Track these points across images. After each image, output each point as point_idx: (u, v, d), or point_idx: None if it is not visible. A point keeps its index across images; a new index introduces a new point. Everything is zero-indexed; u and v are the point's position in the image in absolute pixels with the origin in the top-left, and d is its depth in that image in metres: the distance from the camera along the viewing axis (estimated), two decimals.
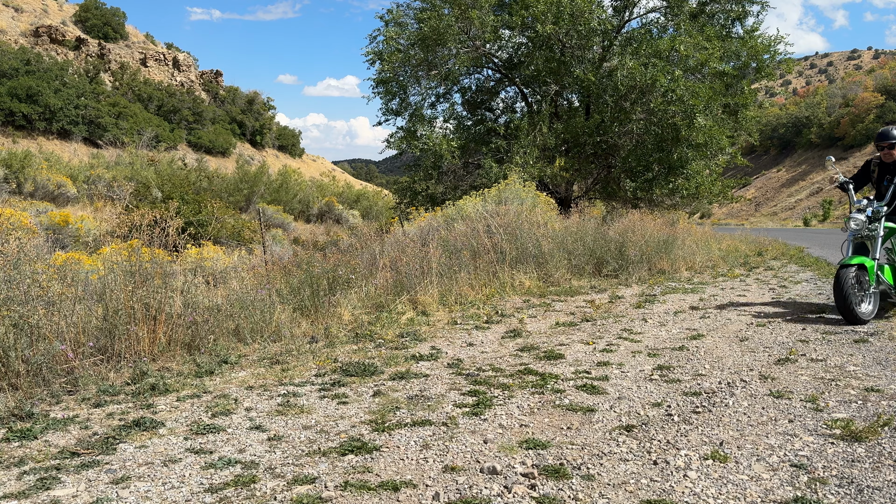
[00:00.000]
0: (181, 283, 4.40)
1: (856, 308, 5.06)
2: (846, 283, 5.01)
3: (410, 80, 15.92)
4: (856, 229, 5.37)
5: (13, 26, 58.57)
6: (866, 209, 5.40)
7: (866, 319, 5.12)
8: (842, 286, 5.03)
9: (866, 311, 5.18)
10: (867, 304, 5.23)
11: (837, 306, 5.09)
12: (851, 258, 5.19)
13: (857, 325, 5.02)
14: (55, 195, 25.20)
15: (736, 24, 15.36)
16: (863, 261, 5.15)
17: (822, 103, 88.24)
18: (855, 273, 5.13)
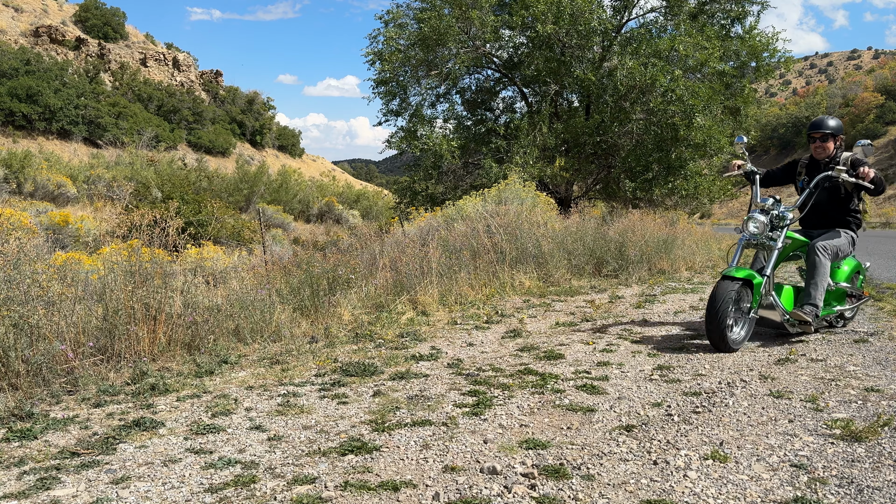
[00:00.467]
0: (181, 283, 4.40)
1: (727, 332, 4.16)
2: (723, 300, 4.07)
3: (410, 81, 15.92)
4: (755, 233, 4.45)
5: (13, 26, 58.56)
6: (771, 211, 4.49)
7: (735, 348, 4.24)
8: (717, 302, 4.08)
9: (737, 338, 4.28)
10: (740, 329, 4.34)
11: (707, 326, 4.19)
12: (737, 270, 4.26)
13: (724, 352, 4.19)
14: (55, 195, 25.21)
15: (736, 23, 15.36)
16: (750, 275, 4.23)
17: (822, 103, 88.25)
18: (738, 289, 4.20)
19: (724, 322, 4.11)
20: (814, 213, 4.84)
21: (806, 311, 4.43)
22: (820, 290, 4.50)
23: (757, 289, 4.26)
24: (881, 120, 77.54)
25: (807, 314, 4.40)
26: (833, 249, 4.58)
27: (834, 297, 4.86)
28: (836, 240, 4.66)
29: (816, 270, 4.49)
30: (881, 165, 72.04)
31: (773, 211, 4.49)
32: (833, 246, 4.59)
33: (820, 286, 4.50)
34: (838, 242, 4.65)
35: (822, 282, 4.50)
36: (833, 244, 4.60)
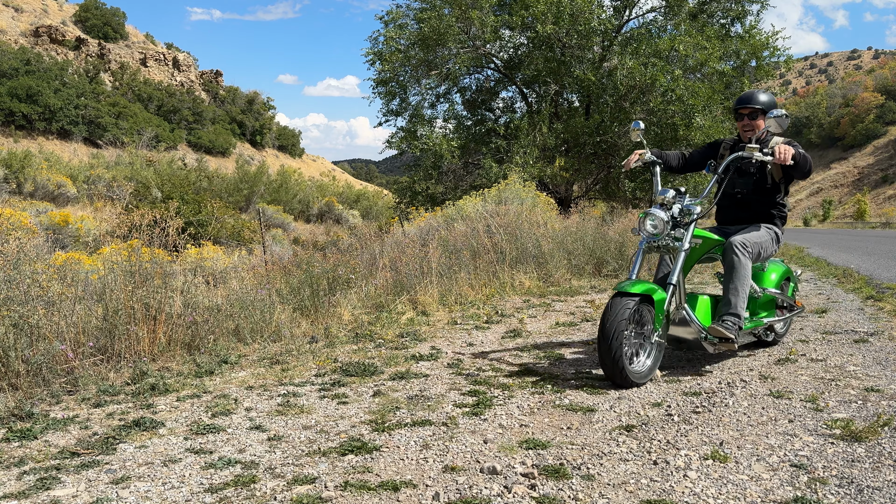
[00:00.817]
0: (181, 283, 4.40)
1: (625, 362, 3.33)
2: (615, 324, 3.26)
3: (410, 81, 15.93)
4: (653, 233, 3.61)
5: (13, 26, 58.56)
6: (673, 205, 3.68)
7: (639, 382, 3.43)
8: (607, 327, 3.26)
9: (640, 369, 3.48)
10: (645, 357, 3.56)
11: (599, 356, 3.38)
12: (633, 283, 3.43)
13: (625, 387, 3.40)
14: (55, 195, 25.21)
15: (736, 23, 15.37)
16: (649, 290, 3.42)
17: (822, 103, 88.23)
18: (635, 308, 3.38)
19: (619, 351, 3.27)
20: (733, 205, 4.10)
21: (727, 326, 3.62)
22: (741, 298, 3.72)
23: (659, 306, 3.44)
24: (881, 120, 77.54)
25: (728, 329, 3.60)
26: (755, 248, 3.83)
27: (761, 306, 4.17)
28: (757, 235, 3.90)
29: (735, 273, 3.73)
30: (881, 165, 72.11)
31: (677, 205, 3.67)
32: (754, 243, 3.83)
33: (741, 292, 3.72)
34: (760, 239, 3.91)
35: (744, 287, 3.73)
36: (754, 240, 3.85)
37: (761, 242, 3.93)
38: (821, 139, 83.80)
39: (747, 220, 4.08)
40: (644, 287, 3.43)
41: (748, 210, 4.07)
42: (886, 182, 68.80)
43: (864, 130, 77.24)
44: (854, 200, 61.84)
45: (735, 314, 3.72)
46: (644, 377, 3.50)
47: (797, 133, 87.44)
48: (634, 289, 3.40)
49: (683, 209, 3.69)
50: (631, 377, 3.39)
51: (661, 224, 3.60)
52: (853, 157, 77.34)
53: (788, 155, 3.61)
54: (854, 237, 22.52)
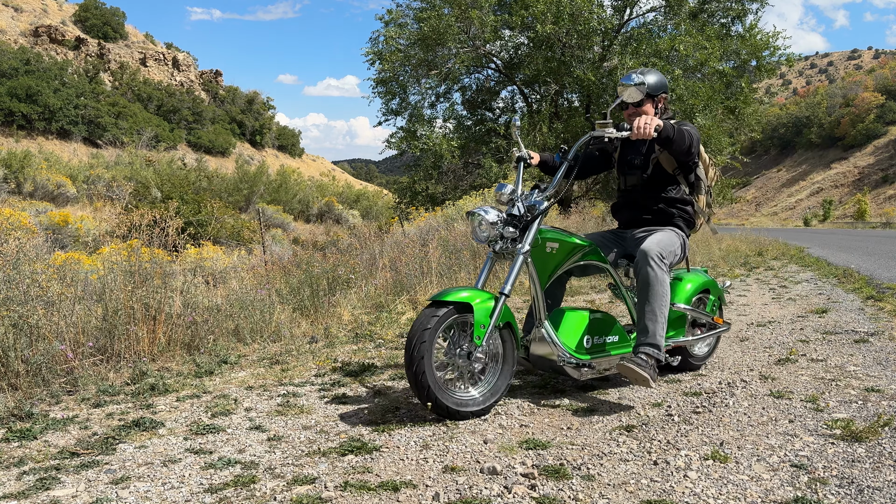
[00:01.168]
0: (181, 283, 4.39)
1: (434, 384, 2.73)
2: (418, 340, 2.70)
3: (410, 80, 15.93)
4: (482, 237, 3.03)
5: (13, 26, 58.55)
6: (513, 202, 3.08)
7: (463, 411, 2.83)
8: (411, 344, 2.72)
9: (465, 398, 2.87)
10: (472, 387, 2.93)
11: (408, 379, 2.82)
12: (454, 291, 2.87)
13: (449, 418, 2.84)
14: (55, 195, 25.21)
15: (736, 22, 15.37)
16: (470, 297, 2.83)
17: (823, 103, 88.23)
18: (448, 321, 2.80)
19: (424, 373, 2.69)
20: (625, 205, 3.56)
21: (641, 362, 3.02)
22: (661, 323, 3.12)
23: (485, 317, 2.81)
24: (881, 120, 77.55)
25: (642, 365, 3.00)
26: (669, 255, 3.26)
27: (669, 323, 3.47)
28: (669, 240, 3.30)
29: (652, 291, 3.09)
30: (882, 165, 72.12)
31: (519, 202, 3.06)
32: (667, 249, 3.25)
33: (660, 316, 3.12)
34: (673, 245, 3.31)
35: (663, 308, 3.13)
36: (669, 248, 3.26)
37: (674, 250, 3.33)
38: (821, 139, 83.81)
39: (644, 221, 3.49)
40: (464, 295, 2.83)
41: (641, 209, 3.47)
42: (887, 182, 68.83)
43: (865, 130, 77.26)
44: (854, 200, 61.87)
45: (653, 344, 3.10)
46: (476, 404, 2.86)
47: (797, 133, 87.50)
48: (450, 297, 2.80)
49: (531, 205, 3.06)
50: (446, 402, 2.75)
51: (486, 226, 2.98)
52: (853, 157, 77.36)
53: (650, 128, 2.94)
54: (854, 237, 22.52)
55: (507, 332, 3.00)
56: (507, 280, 2.95)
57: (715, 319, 3.87)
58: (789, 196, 79.34)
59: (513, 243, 3.03)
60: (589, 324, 3.25)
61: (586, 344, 3.22)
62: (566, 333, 3.18)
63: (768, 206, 79.61)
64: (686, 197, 3.48)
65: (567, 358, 3.10)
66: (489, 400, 2.93)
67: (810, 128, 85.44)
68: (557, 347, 3.09)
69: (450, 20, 13.89)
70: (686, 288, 3.68)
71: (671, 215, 3.45)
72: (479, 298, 2.86)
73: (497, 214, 3.01)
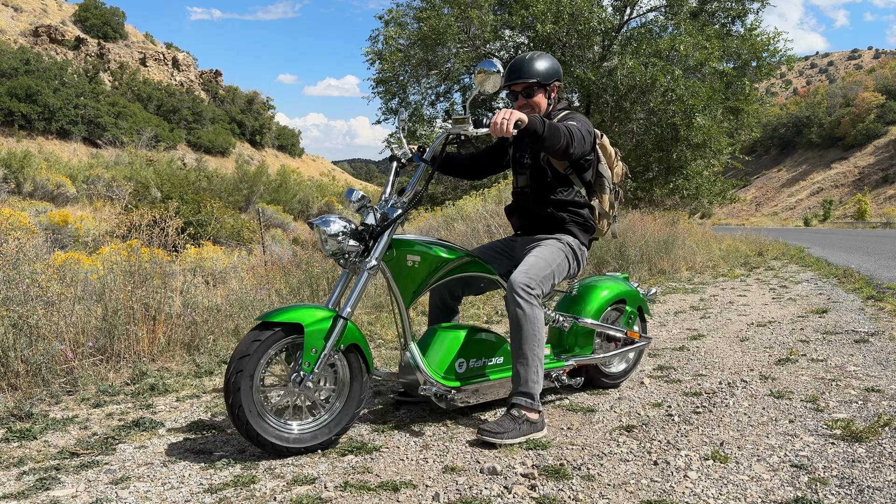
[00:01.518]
0: (181, 283, 4.39)
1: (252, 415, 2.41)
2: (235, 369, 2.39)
3: (410, 80, 15.93)
4: (326, 249, 2.67)
5: (13, 26, 58.55)
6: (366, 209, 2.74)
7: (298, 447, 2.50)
8: (229, 374, 2.40)
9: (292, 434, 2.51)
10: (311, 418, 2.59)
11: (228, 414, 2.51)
12: (284, 311, 2.51)
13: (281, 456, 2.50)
14: (54, 195, 25.22)
15: (736, 22, 15.37)
16: (302, 319, 2.48)
17: (823, 103, 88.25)
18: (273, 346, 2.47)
19: (241, 406, 2.38)
20: (516, 210, 3.20)
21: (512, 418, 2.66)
22: (533, 367, 2.75)
23: (313, 339, 2.48)
24: (882, 120, 77.57)
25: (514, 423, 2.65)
26: (544, 283, 2.85)
27: (570, 340, 3.29)
28: (543, 262, 2.90)
29: (521, 332, 2.73)
30: (882, 165, 72.15)
31: (371, 210, 2.73)
32: (542, 277, 2.84)
33: (532, 359, 2.74)
34: (549, 265, 2.90)
35: (535, 350, 2.75)
36: (541, 274, 2.84)
37: (552, 270, 2.91)
38: (821, 139, 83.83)
39: (535, 227, 3.12)
40: (296, 315, 2.48)
41: (530, 214, 3.12)
42: (887, 182, 68.85)
43: (865, 130, 77.30)
44: (854, 200, 61.90)
45: (525, 394, 2.73)
46: (310, 441, 2.52)
47: (798, 133, 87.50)
48: (279, 317, 2.47)
49: (385, 212, 2.71)
50: (269, 438, 2.44)
51: (328, 239, 2.62)
52: (854, 157, 77.38)
53: (508, 124, 2.55)
54: (854, 237, 22.52)
55: (355, 356, 2.63)
56: (348, 300, 2.61)
57: (629, 334, 3.45)
58: (789, 196, 79.35)
59: (362, 257, 2.68)
60: (465, 345, 2.89)
61: (459, 368, 2.87)
62: (435, 356, 2.84)
63: (768, 206, 79.62)
64: (580, 199, 3.09)
65: (430, 385, 2.77)
66: (329, 432, 2.57)
67: (810, 128, 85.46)
68: (422, 373, 2.76)
69: (449, 20, 13.89)
70: (596, 299, 3.34)
71: (562, 220, 3.06)
72: (313, 319, 2.50)
73: (344, 225, 2.65)
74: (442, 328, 2.94)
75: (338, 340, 2.55)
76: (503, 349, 3.04)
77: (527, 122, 2.62)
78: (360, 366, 2.65)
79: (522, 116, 2.60)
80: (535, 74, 2.97)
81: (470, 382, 2.89)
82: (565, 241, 3.04)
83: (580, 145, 2.82)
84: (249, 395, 2.40)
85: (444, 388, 2.79)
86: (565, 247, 3.03)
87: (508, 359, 2.99)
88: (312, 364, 2.50)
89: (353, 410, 2.63)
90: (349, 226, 2.67)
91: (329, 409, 2.62)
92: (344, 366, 2.64)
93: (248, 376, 2.40)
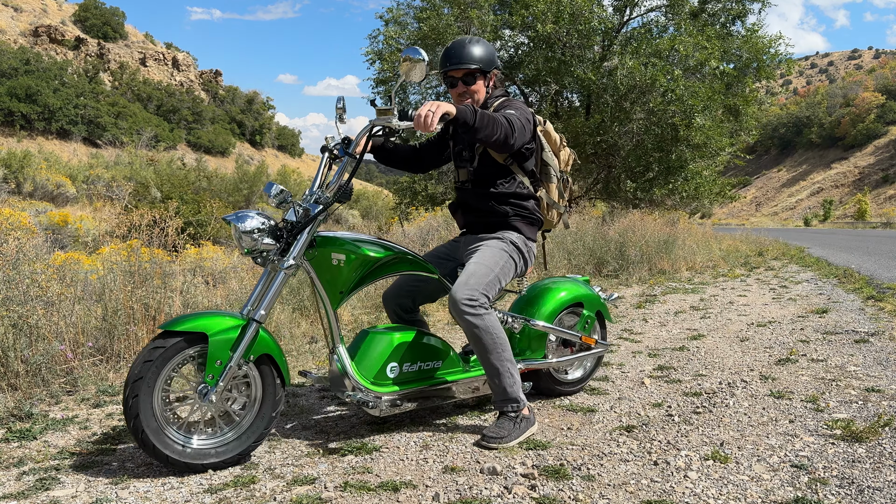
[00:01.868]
0: (180, 284, 4.39)
1: (151, 430, 2.28)
2: (134, 378, 2.26)
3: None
4: (242, 247, 2.48)
5: (12, 26, 58.57)
6: (287, 204, 2.58)
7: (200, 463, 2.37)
8: (126, 384, 2.27)
9: (208, 446, 2.40)
10: (219, 432, 2.45)
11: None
12: (185, 319, 2.37)
13: (183, 472, 2.35)
14: (54, 195, 25.22)
15: (736, 22, 15.37)
16: (207, 327, 2.35)
17: (823, 103, 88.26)
18: (175, 356, 2.33)
19: (139, 417, 2.26)
20: (458, 207, 3.05)
21: (500, 427, 2.66)
22: (506, 374, 2.70)
23: (218, 350, 2.35)
24: (882, 120, 77.60)
25: (503, 431, 2.65)
26: (490, 288, 2.73)
27: (521, 343, 3.12)
28: (485, 266, 2.75)
29: (478, 344, 2.67)
30: (882, 165, 72.18)
31: (293, 206, 2.56)
32: (486, 284, 2.71)
33: (500, 366, 2.68)
34: (491, 268, 2.76)
35: (500, 356, 2.68)
36: (484, 280, 2.71)
37: (496, 274, 2.76)
38: (821, 139, 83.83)
39: (481, 225, 2.95)
40: (201, 323, 2.35)
41: (474, 211, 2.95)
42: (887, 182, 68.85)
43: (865, 130, 77.33)
44: (855, 200, 61.90)
45: (508, 400, 2.71)
46: (213, 457, 2.38)
47: (798, 133, 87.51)
48: (182, 325, 2.33)
49: (307, 207, 2.54)
50: (166, 452, 2.30)
51: (243, 236, 2.44)
52: (854, 157, 77.39)
53: (434, 118, 2.35)
54: (855, 237, 22.52)
55: (268, 366, 2.48)
56: (261, 302, 2.45)
57: (584, 339, 3.26)
58: (789, 196, 79.35)
59: (281, 256, 2.51)
60: (399, 349, 2.72)
61: (391, 373, 2.71)
62: (365, 361, 2.68)
63: (768, 206, 79.63)
64: (523, 190, 2.90)
65: (357, 391, 2.61)
66: (239, 447, 2.42)
67: (810, 128, 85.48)
68: (350, 378, 2.60)
69: (449, 20, 13.89)
70: (551, 301, 3.19)
71: (504, 214, 2.88)
72: (219, 328, 2.36)
73: (262, 221, 2.46)
74: (374, 331, 2.77)
75: (247, 351, 2.40)
76: (443, 352, 2.86)
77: (455, 114, 2.43)
78: (273, 376, 2.49)
79: (450, 108, 2.41)
80: (478, 60, 2.79)
81: (404, 388, 2.72)
82: (508, 238, 2.87)
83: (521, 135, 2.66)
84: (148, 408, 2.27)
85: (372, 394, 2.62)
86: (508, 245, 2.86)
87: (449, 362, 2.87)
88: (217, 376, 2.36)
89: (267, 423, 2.47)
90: (267, 222, 2.48)
91: (237, 425, 2.46)
92: (256, 378, 2.48)
93: (146, 388, 2.26)
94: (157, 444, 2.29)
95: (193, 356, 2.39)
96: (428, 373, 2.82)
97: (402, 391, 2.71)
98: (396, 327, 2.86)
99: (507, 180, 2.89)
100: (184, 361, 2.38)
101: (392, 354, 2.71)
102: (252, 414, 2.48)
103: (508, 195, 2.88)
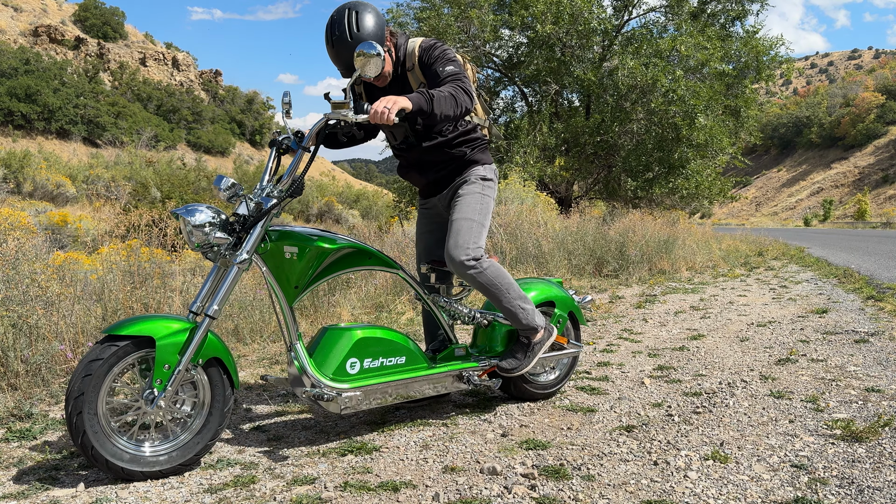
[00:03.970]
0: (180, 283, 4.39)
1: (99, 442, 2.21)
2: (77, 388, 2.19)
3: None
4: (192, 242, 2.40)
5: (12, 26, 58.58)
6: (237, 198, 2.52)
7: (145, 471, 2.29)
8: (69, 391, 2.19)
9: (153, 454, 2.32)
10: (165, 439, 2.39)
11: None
12: (131, 323, 2.29)
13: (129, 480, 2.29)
14: (54, 195, 25.22)
15: (736, 23, 15.37)
16: (153, 331, 2.28)
17: (823, 103, 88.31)
18: (120, 361, 2.26)
19: (80, 423, 2.19)
20: (413, 169, 2.97)
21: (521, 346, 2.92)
22: (518, 310, 2.87)
23: (165, 354, 2.28)
24: (882, 120, 77.62)
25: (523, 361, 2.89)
26: (479, 237, 2.79)
27: (487, 340, 3.13)
28: (468, 214, 2.80)
29: (490, 293, 2.82)
30: (882, 165, 72.18)
31: (244, 200, 2.50)
32: (472, 236, 2.78)
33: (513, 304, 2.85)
34: (471, 216, 2.81)
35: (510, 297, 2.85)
36: (467, 234, 2.77)
37: (479, 220, 2.81)
38: (821, 139, 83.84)
39: (443, 179, 2.91)
40: (147, 327, 2.28)
41: (431, 166, 2.88)
42: (887, 182, 68.86)
43: (865, 130, 77.34)
44: (855, 200, 61.92)
45: (527, 328, 2.88)
46: (158, 465, 2.31)
47: (798, 133, 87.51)
48: (127, 329, 2.26)
49: (259, 202, 2.48)
50: (111, 460, 2.23)
51: (193, 231, 2.38)
52: (854, 157, 77.41)
53: (391, 113, 2.38)
54: (855, 237, 22.53)
55: (216, 370, 2.43)
56: (214, 298, 2.39)
57: (556, 339, 3.17)
58: (789, 196, 79.36)
59: (233, 251, 2.46)
60: (358, 344, 2.67)
61: (351, 369, 2.65)
62: (323, 357, 2.63)
63: (768, 206, 79.63)
64: (467, 126, 2.88)
65: (315, 386, 2.54)
66: (186, 454, 2.36)
67: (810, 128, 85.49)
68: (307, 374, 2.55)
69: (449, 20, 13.88)
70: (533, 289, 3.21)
71: (462, 155, 2.86)
72: (166, 332, 2.29)
73: (212, 215, 2.41)
74: (333, 327, 2.73)
75: (195, 354, 2.34)
76: (405, 348, 2.80)
77: (411, 108, 2.44)
78: (222, 380, 2.44)
79: (406, 104, 2.42)
80: (370, 38, 2.58)
81: (365, 383, 2.65)
82: (476, 176, 2.87)
83: (472, 94, 2.62)
84: (92, 416, 2.19)
85: (332, 389, 2.55)
86: (478, 184, 2.86)
87: (411, 358, 2.81)
88: (165, 381, 2.30)
89: (216, 429, 2.42)
90: (218, 216, 2.42)
91: (188, 429, 2.41)
92: (204, 382, 2.42)
93: (90, 396, 2.19)
94: (109, 457, 2.23)
95: (134, 363, 2.33)
96: (390, 369, 2.76)
97: (362, 386, 2.63)
98: (359, 325, 2.83)
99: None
100: (125, 370, 2.32)
101: (352, 350, 2.66)
102: (202, 416, 2.43)
103: (457, 136, 2.86)
